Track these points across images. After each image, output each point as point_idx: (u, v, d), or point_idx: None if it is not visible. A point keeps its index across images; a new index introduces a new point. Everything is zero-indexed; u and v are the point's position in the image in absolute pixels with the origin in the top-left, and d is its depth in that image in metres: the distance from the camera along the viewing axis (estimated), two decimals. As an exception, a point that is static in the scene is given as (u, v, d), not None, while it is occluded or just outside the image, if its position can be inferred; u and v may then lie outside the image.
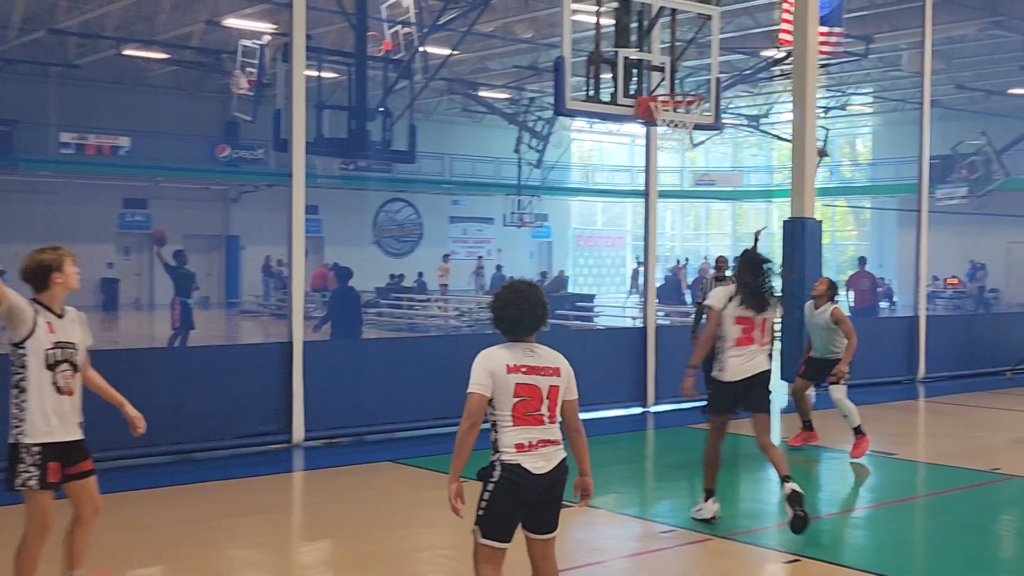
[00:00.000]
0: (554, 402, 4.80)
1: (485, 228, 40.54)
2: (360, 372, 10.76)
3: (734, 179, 47.74)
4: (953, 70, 31.20)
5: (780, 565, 6.84)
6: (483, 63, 32.96)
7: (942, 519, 8.37)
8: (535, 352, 4.81)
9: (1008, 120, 31.36)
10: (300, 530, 7.93)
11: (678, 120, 9.74)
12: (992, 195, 31.13)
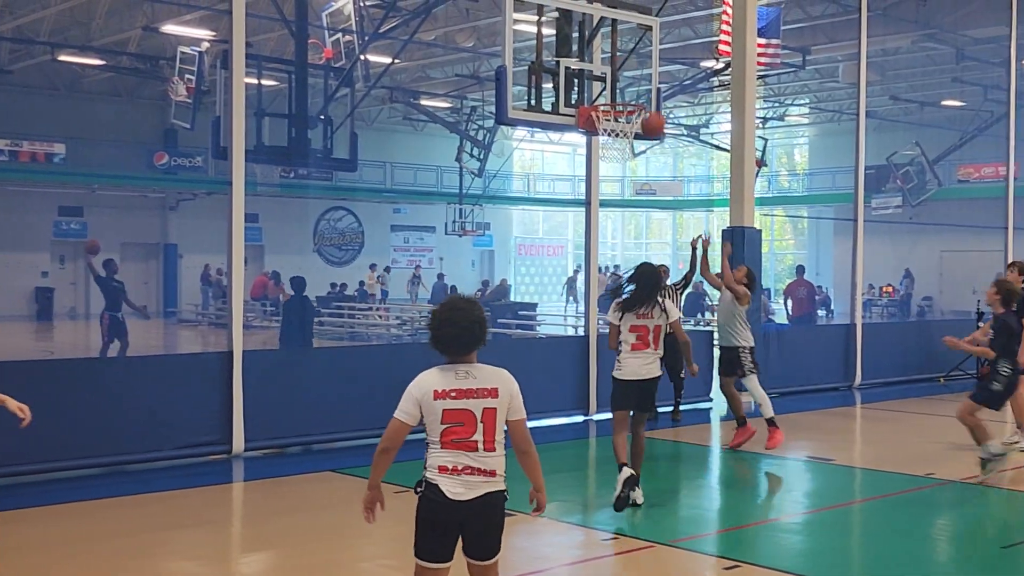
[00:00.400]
0: (491, 426, 4.55)
1: (427, 237, 40.49)
2: (301, 381, 10.68)
3: (674, 189, 48.19)
4: (888, 82, 31.79)
5: (720, 571, 6.90)
6: (424, 72, 32.97)
7: (878, 524, 8.49)
8: (470, 373, 4.61)
9: (940, 131, 32.00)
10: (240, 542, 7.85)
11: (619, 130, 9.80)
12: (926, 204, 31.73)
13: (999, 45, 19.81)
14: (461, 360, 4.65)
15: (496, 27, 20.05)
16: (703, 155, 45.88)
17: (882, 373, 16.48)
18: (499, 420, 4.57)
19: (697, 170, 48.82)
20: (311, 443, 10.77)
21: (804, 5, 24.89)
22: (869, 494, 9.45)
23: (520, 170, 45.41)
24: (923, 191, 31.99)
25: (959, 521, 8.66)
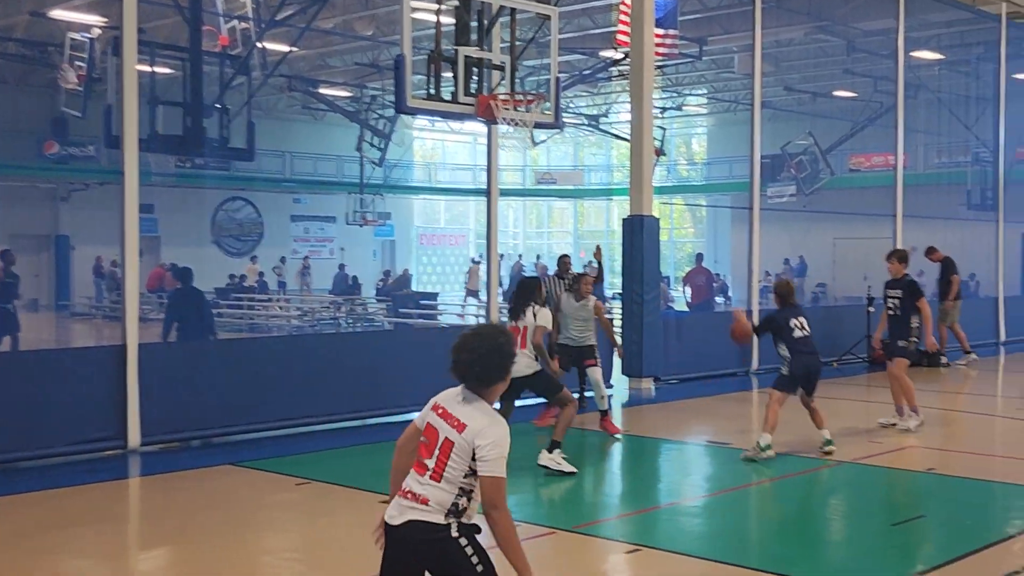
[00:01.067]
0: (444, 456, 4.13)
1: (327, 227, 40.07)
2: (199, 374, 10.50)
3: (575, 177, 48.51)
4: (782, 72, 32.38)
5: (621, 555, 7.00)
6: (324, 60, 32.57)
7: (774, 505, 8.72)
8: (464, 401, 4.22)
9: (833, 121, 32.74)
10: (139, 539, 7.72)
11: (519, 119, 9.84)
12: (819, 193, 32.44)
13: (887, 37, 20.38)
14: (474, 391, 4.23)
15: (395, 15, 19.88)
16: (603, 144, 46.26)
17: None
18: (452, 455, 4.12)
19: (597, 159, 49.21)
20: (209, 436, 10.60)
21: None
22: (765, 476, 9.67)
23: (421, 159, 45.24)
24: (816, 180, 32.67)
25: (852, 500, 8.92)
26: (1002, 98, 22.56)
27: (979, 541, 7.15)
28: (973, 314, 22.03)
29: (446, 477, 4.10)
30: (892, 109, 20.16)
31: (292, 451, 10.12)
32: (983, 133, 23.74)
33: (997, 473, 9.48)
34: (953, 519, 7.98)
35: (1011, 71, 22.90)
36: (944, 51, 24.20)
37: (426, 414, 4.26)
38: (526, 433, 11.55)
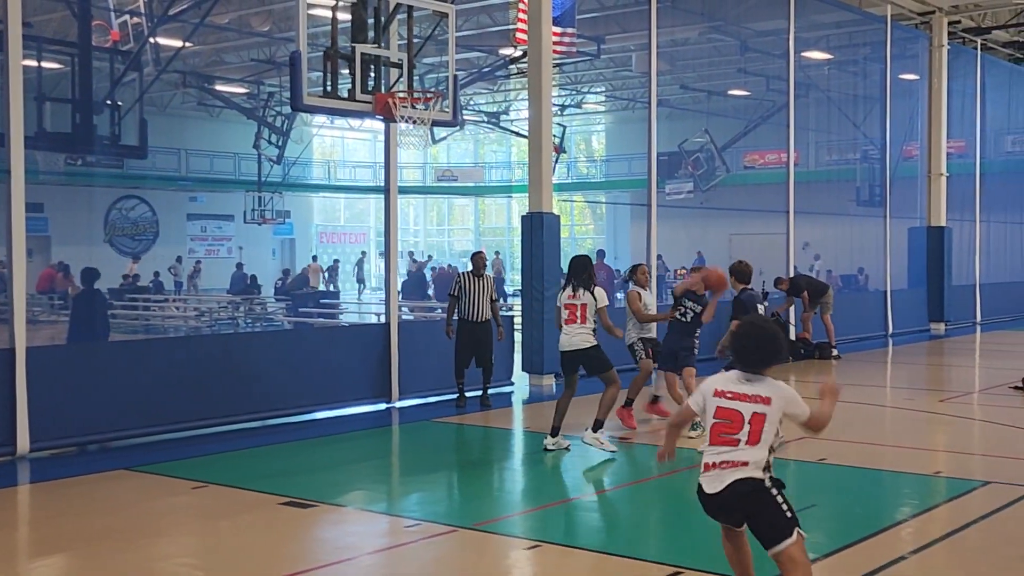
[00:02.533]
0: (758, 425, 5.08)
1: (225, 225, 39.44)
2: (92, 377, 10.27)
3: (476, 175, 48.55)
4: (678, 71, 32.83)
5: (521, 551, 7.04)
6: (219, 56, 32.06)
7: (671, 498, 8.84)
8: (750, 382, 5.16)
9: (728, 119, 33.29)
10: (27, 546, 7.48)
11: (417, 116, 9.82)
12: (716, 189, 32.96)
13: (779, 38, 20.80)
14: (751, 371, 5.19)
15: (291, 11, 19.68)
16: (503, 142, 46.39)
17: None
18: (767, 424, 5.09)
19: (498, 156, 49.33)
20: (101, 441, 10.36)
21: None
22: (665, 469, 9.79)
23: (320, 157, 44.80)
24: (713, 177, 33.17)
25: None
26: (888, 97, 23.24)
27: (869, 528, 7.36)
28: (862, 307, 22.70)
29: (763, 441, 5.05)
30: (784, 108, 20.60)
31: (189, 454, 9.95)
32: (871, 131, 24.40)
33: (887, 462, 9.76)
34: (844, 508, 8.20)
35: (896, 71, 23.61)
36: (833, 51, 24.80)
37: (708, 400, 5.23)
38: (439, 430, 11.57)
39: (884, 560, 6.65)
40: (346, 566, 6.68)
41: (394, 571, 6.78)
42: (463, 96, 33.19)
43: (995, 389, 14.46)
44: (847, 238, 24.76)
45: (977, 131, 26.69)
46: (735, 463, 5.05)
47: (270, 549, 7.04)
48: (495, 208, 49.78)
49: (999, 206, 27.80)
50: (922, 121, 24.72)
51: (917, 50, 24.57)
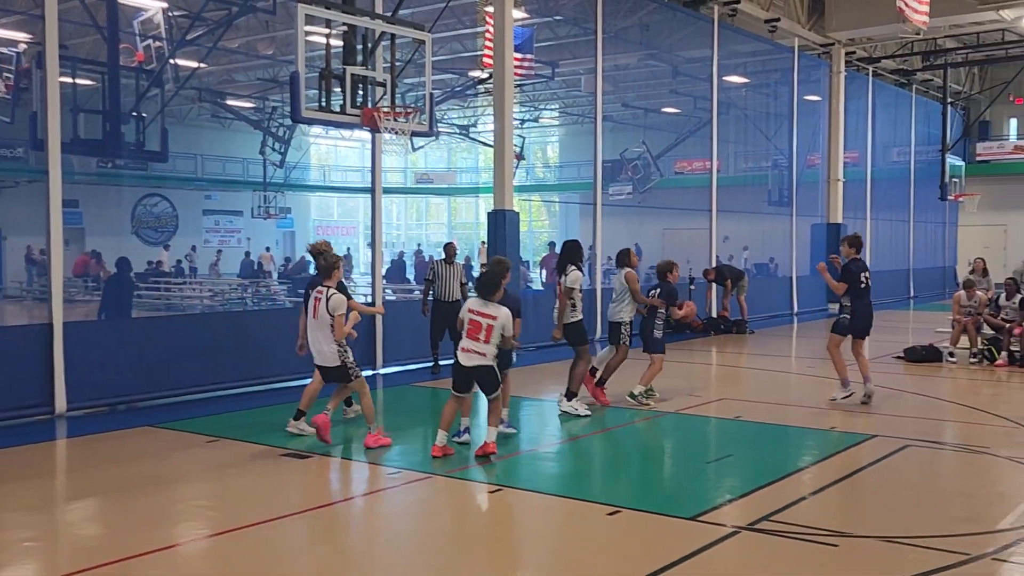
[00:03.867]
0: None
1: (235, 220, 39.09)
2: (119, 348, 10.18)
3: (449, 178, 48.44)
4: (620, 91, 32.82)
5: (486, 494, 7.06)
6: (230, 75, 31.68)
7: (614, 450, 8.90)
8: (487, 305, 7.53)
9: (662, 132, 33.34)
10: (65, 492, 7.40)
11: (398, 128, 9.76)
12: (651, 191, 33.02)
13: (704, 64, 20.86)
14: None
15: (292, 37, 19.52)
16: (472, 150, 46.23)
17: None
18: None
19: (467, 162, 49.17)
20: (132, 401, 10.25)
21: (553, 27, 25.40)
22: (607, 425, 9.86)
23: (317, 162, 44.47)
24: (649, 181, 33.20)
25: (674, 444, 9.18)
26: (795, 115, 23.39)
27: (776, 474, 7.44)
28: (773, 290, 22.90)
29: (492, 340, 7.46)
30: (708, 123, 20.68)
31: (204, 413, 9.88)
32: (780, 143, 24.56)
33: (792, 419, 9.86)
34: (755, 457, 8.28)
35: (802, 93, 23.76)
36: (749, 76, 24.89)
37: (465, 315, 7.73)
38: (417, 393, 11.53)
39: (789, 500, 6.73)
40: (338, 507, 6.68)
41: (379, 511, 6.78)
42: (438, 111, 33.02)
43: (882, 358, 14.64)
44: (760, 233, 24.94)
45: (868, 144, 26.95)
46: (478, 352, 7.52)
47: (272, 493, 7.01)
48: (465, 206, 49.67)
49: (885, 206, 28.11)
50: (823, 135, 24.93)
51: (819, 76, 24.75)
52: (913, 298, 28.77)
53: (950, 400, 11.26)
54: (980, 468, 7.90)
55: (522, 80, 19.51)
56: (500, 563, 5.73)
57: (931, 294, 29.69)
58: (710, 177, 20.68)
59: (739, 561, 5.60)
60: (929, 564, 5.38)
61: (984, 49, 27.45)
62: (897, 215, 29.09)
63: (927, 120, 30.30)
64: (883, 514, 6.48)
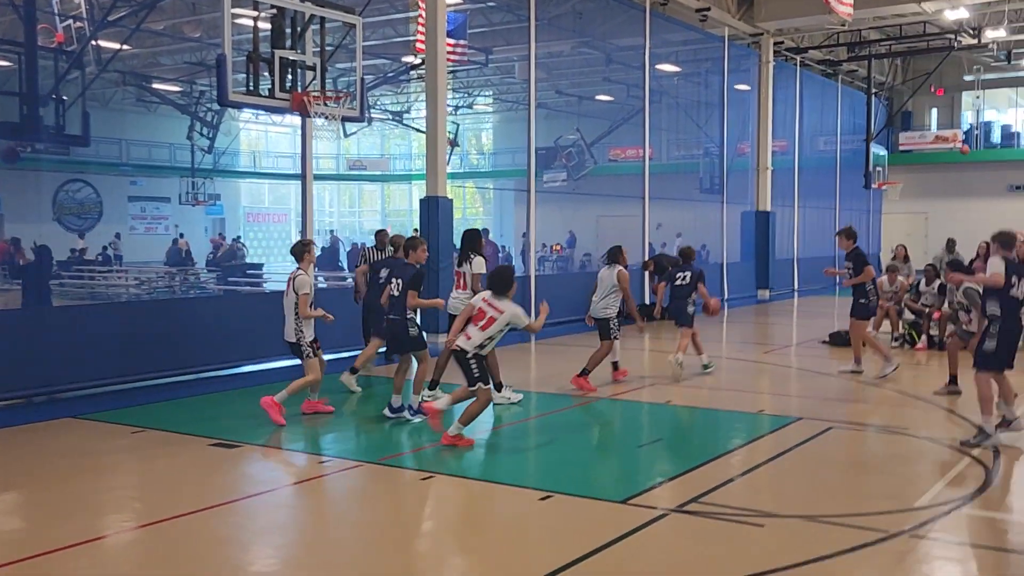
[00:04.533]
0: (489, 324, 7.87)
1: (163, 206, 38.23)
2: (41, 337, 9.89)
3: (382, 164, 48.08)
4: (554, 79, 32.89)
5: (418, 481, 7.06)
6: (155, 58, 30.94)
7: (545, 436, 8.95)
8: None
9: (596, 120, 33.54)
10: (-18, 487, 7.20)
11: (328, 113, 9.66)
12: (585, 178, 33.22)
13: (637, 52, 21.01)
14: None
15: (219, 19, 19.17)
16: (406, 136, 45.91)
17: (553, 315, 17.22)
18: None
19: (401, 149, 48.83)
20: (53, 393, 10.00)
21: (486, 13, 25.30)
22: (539, 411, 9.92)
23: (247, 148, 43.71)
24: (583, 168, 33.39)
25: (605, 429, 9.28)
26: (725, 104, 23.72)
27: (705, 456, 7.58)
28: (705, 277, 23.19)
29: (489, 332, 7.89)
30: (641, 111, 20.85)
31: (129, 403, 9.69)
32: (711, 132, 24.89)
33: (721, 403, 10.04)
34: (685, 440, 8.42)
35: (732, 83, 24.10)
36: (681, 65, 25.16)
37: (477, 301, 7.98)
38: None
39: (718, 482, 6.86)
40: (268, 496, 6.61)
41: (309, 500, 6.73)
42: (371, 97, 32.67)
43: (808, 343, 14.98)
44: (692, 220, 25.26)
45: (796, 133, 27.46)
46: (467, 335, 7.79)
47: (200, 482, 6.92)
48: (399, 193, 49.36)
49: (813, 194, 28.71)
50: (752, 124, 25.33)
51: (749, 65, 25.12)
52: (839, 285, 29.44)
53: (872, 383, 11.56)
54: (900, 448, 8.14)
55: (455, 66, 19.45)
56: (432, 550, 5.74)
57: (856, 280, 30.39)
58: (643, 165, 20.86)
59: (668, 542, 5.69)
60: (851, 541, 5.53)
61: (907, 41, 28.14)
62: (823, 203, 29.73)
63: (852, 110, 30.99)
64: (807, 494, 6.65)
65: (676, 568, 5.23)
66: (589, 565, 5.19)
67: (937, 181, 35.37)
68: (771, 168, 25.44)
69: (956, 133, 35.92)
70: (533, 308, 16.69)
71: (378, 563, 5.28)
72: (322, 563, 5.38)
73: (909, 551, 5.45)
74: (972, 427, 8.75)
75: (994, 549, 5.65)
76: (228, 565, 5.32)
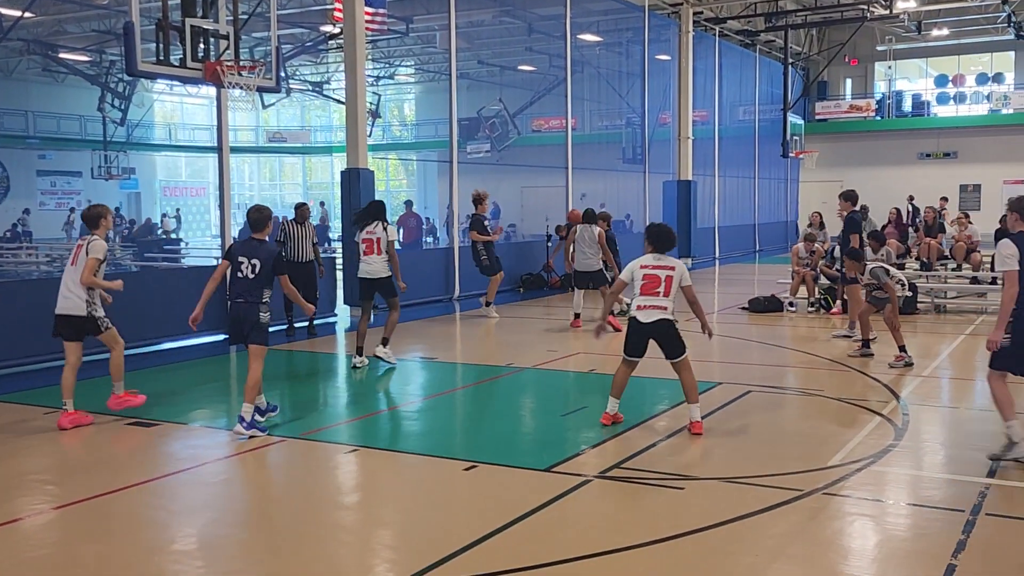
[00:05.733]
0: (668, 284, 7.33)
1: (74, 181, 37.03)
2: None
3: (303, 136, 47.33)
4: (476, 49, 32.71)
5: (344, 455, 7.03)
6: (62, 26, 29.83)
7: (472, 406, 8.99)
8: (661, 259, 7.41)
9: (519, 90, 33.51)
10: None
11: (242, 83, 9.46)
12: (509, 149, 33.19)
13: (559, 22, 21.01)
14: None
15: (130, -13, 18.54)
16: (327, 107, 45.25)
17: (476, 286, 17.27)
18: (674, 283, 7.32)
19: (322, 121, 48.12)
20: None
21: (406, -20, 25.02)
22: (466, 382, 9.96)
23: (162, 120, 42.55)
24: (507, 139, 33.34)
25: (531, 398, 9.35)
26: (646, 74, 23.90)
27: (628, 424, 7.69)
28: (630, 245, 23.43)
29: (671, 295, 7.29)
30: (563, 81, 20.89)
31: (42, 384, 9.42)
32: (633, 102, 25.07)
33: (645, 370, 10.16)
34: (608, 408, 8.51)
35: (653, 53, 24.28)
36: (602, 35, 25.26)
37: (636, 272, 7.44)
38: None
39: (639, 447, 6.98)
40: (188, 474, 6.52)
41: (231, 476, 6.66)
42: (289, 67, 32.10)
43: (729, 310, 15.28)
44: (615, 190, 25.47)
45: (716, 103, 27.84)
46: (659, 306, 7.30)
47: (118, 462, 6.79)
48: (320, 165, 48.69)
49: (733, 164, 29.20)
50: (673, 94, 25.59)
51: (669, 35, 25.34)
52: (759, 252, 30.07)
53: (789, 347, 11.87)
54: (815, 410, 8.39)
55: (375, 36, 19.16)
56: (358, 523, 5.73)
57: (775, 247, 31.12)
58: (566, 135, 20.93)
59: (591, 508, 5.79)
60: (768, 501, 5.70)
61: (822, 11, 28.69)
62: (743, 172, 30.26)
63: (770, 80, 31.52)
64: (727, 456, 6.81)
65: (598, 533, 5.32)
66: (514, 532, 5.25)
67: (851, 149, 36.27)
68: (692, 138, 25.77)
69: (869, 102, 36.83)
70: (458, 280, 16.70)
71: (301, 538, 5.26)
72: (242, 541, 5.34)
73: (822, 508, 5.64)
74: (883, 387, 9.06)
75: (905, 504, 5.87)
76: (146, 546, 5.24)
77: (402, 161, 44.00)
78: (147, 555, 5.07)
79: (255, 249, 7.51)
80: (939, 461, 6.84)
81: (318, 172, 49.30)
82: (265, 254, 7.48)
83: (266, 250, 7.52)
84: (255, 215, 7.66)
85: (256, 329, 7.47)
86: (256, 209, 7.73)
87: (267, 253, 7.49)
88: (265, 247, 7.56)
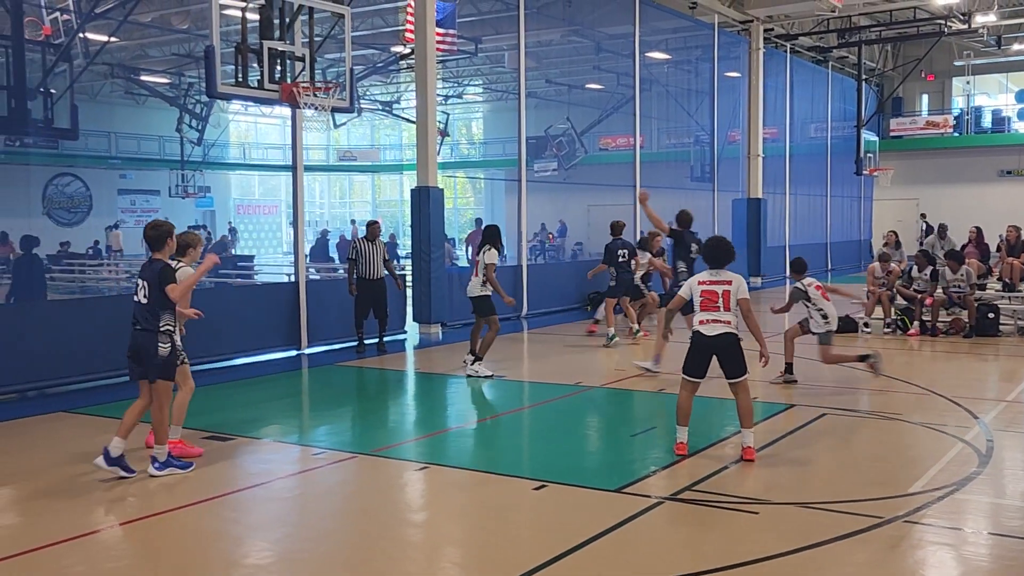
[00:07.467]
0: (727, 299, 7.20)
1: (152, 199, 38.10)
2: (31, 331, 9.85)
3: (372, 155, 47.95)
4: (543, 68, 32.81)
5: (413, 472, 7.05)
6: (143, 50, 30.78)
7: (541, 425, 8.95)
8: (719, 274, 7.33)
9: (586, 109, 33.46)
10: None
11: (318, 104, 9.61)
12: (576, 168, 33.18)
13: (627, 41, 20.97)
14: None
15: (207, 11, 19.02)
16: (396, 126, 45.77)
17: (544, 303, 17.27)
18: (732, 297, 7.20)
19: (391, 139, 48.70)
20: (44, 387, 9.96)
21: (475, 2, 25.22)
22: (534, 401, 9.92)
23: (236, 140, 43.58)
24: (574, 157, 33.32)
25: (600, 418, 9.28)
26: (716, 91, 23.70)
27: (699, 445, 7.57)
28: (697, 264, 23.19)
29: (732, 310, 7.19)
30: (631, 100, 20.82)
31: (120, 398, 9.63)
32: (702, 120, 24.87)
33: (712, 391, 10.03)
34: (679, 428, 8.39)
35: (722, 70, 24.09)
36: (671, 53, 25.11)
37: (694, 288, 7.34)
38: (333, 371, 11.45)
39: (712, 470, 6.87)
40: (262, 488, 6.59)
41: (304, 491, 6.72)
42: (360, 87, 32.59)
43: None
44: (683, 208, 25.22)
45: (787, 120, 27.46)
46: (721, 320, 7.18)
47: (195, 476, 6.89)
48: (389, 183, 49.27)
49: (804, 181, 28.74)
50: (743, 111, 25.32)
51: (739, 52, 25.10)
52: (831, 271, 29.50)
53: (862, 369, 11.59)
54: (893, 434, 8.16)
55: (445, 56, 19.32)
56: (427, 541, 5.73)
57: (848, 266, 30.51)
58: (634, 153, 20.84)
59: (662, 530, 5.70)
60: (846, 528, 5.54)
61: (897, 27, 28.16)
62: (815, 190, 29.76)
63: (843, 96, 31.00)
64: (802, 481, 6.66)
65: (670, 556, 5.23)
66: (583, 555, 5.19)
67: (928, 167, 35.42)
68: (762, 155, 25.45)
69: (947, 118, 35.96)
70: (525, 298, 16.70)
71: (371, 554, 5.27)
72: (315, 555, 5.37)
73: (903, 536, 5.47)
74: (965, 411, 8.78)
75: (988, 534, 5.66)
76: (221, 559, 5.30)
77: (470, 179, 44.27)
78: (223, 569, 5.13)
79: (145, 270, 6.71)
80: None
81: (387, 190, 49.88)
82: (151, 274, 6.60)
83: (152, 269, 6.62)
84: (151, 232, 6.72)
85: (155, 364, 6.66)
86: (152, 226, 6.75)
87: (152, 272, 6.60)
88: (153, 266, 6.65)
